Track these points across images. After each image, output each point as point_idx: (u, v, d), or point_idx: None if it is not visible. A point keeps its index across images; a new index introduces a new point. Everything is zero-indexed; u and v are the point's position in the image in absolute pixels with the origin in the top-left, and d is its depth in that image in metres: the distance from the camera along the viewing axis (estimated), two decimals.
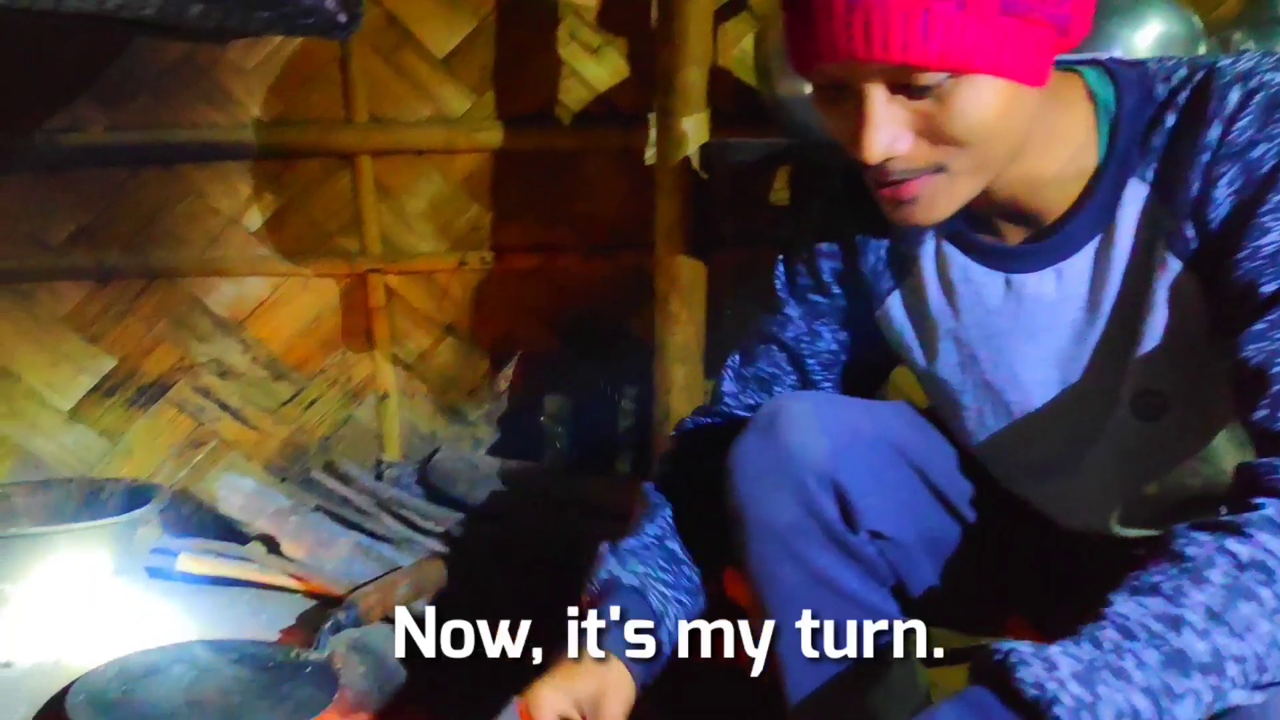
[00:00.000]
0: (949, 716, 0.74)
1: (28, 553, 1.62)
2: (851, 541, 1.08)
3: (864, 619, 1.10)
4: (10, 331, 2.06)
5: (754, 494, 1.08)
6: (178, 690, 1.46)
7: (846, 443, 1.06)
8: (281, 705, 1.44)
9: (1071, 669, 0.71)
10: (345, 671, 1.54)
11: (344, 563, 1.81)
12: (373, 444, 2.31)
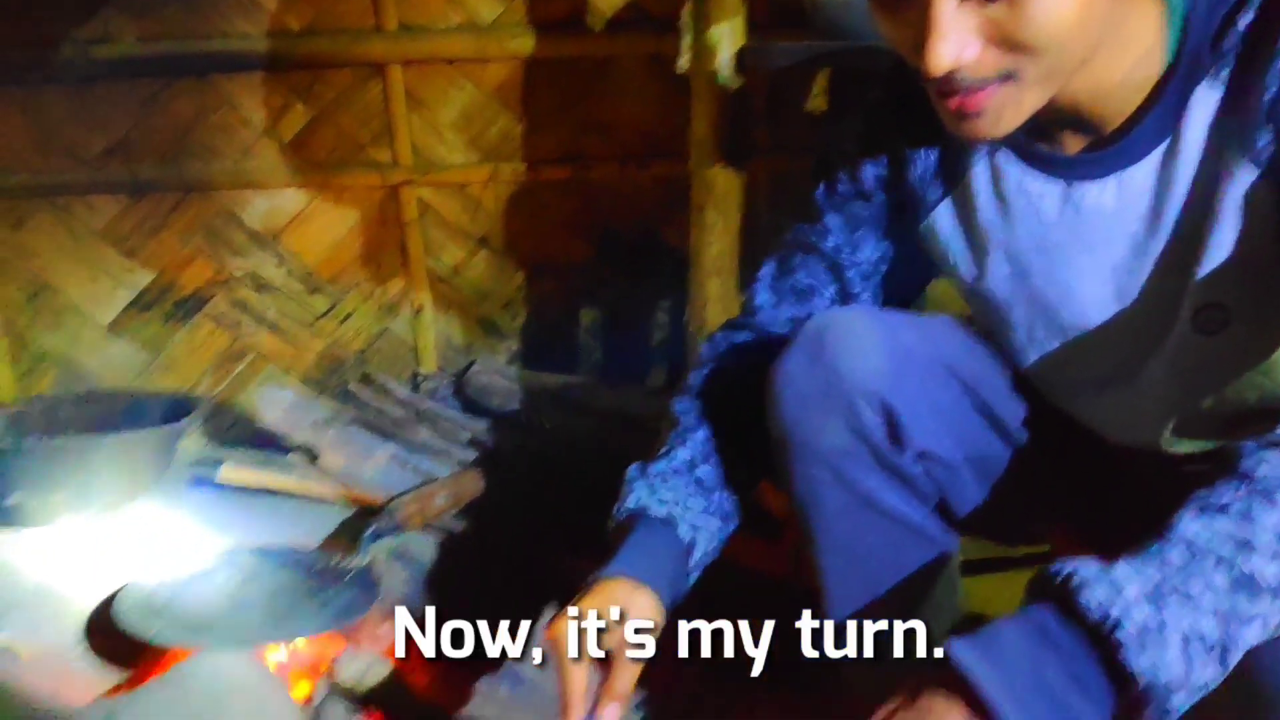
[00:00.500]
0: (1010, 637, 0.73)
1: (73, 463, 1.64)
2: (898, 463, 1.07)
3: (908, 539, 1.11)
4: (48, 246, 2.08)
5: (800, 417, 1.06)
6: (223, 595, 1.49)
7: (897, 362, 1.04)
8: (325, 609, 1.47)
9: (1137, 591, 0.70)
10: (386, 577, 1.57)
11: (382, 473, 1.83)
12: (408, 357, 2.32)
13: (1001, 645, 0.72)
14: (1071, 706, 0.70)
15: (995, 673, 0.70)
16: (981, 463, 1.13)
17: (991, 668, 0.71)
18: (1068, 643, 0.71)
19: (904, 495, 1.09)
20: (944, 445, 1.08)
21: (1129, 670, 0.69)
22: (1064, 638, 0.71)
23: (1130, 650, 0.68)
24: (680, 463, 1.15)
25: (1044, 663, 0.71)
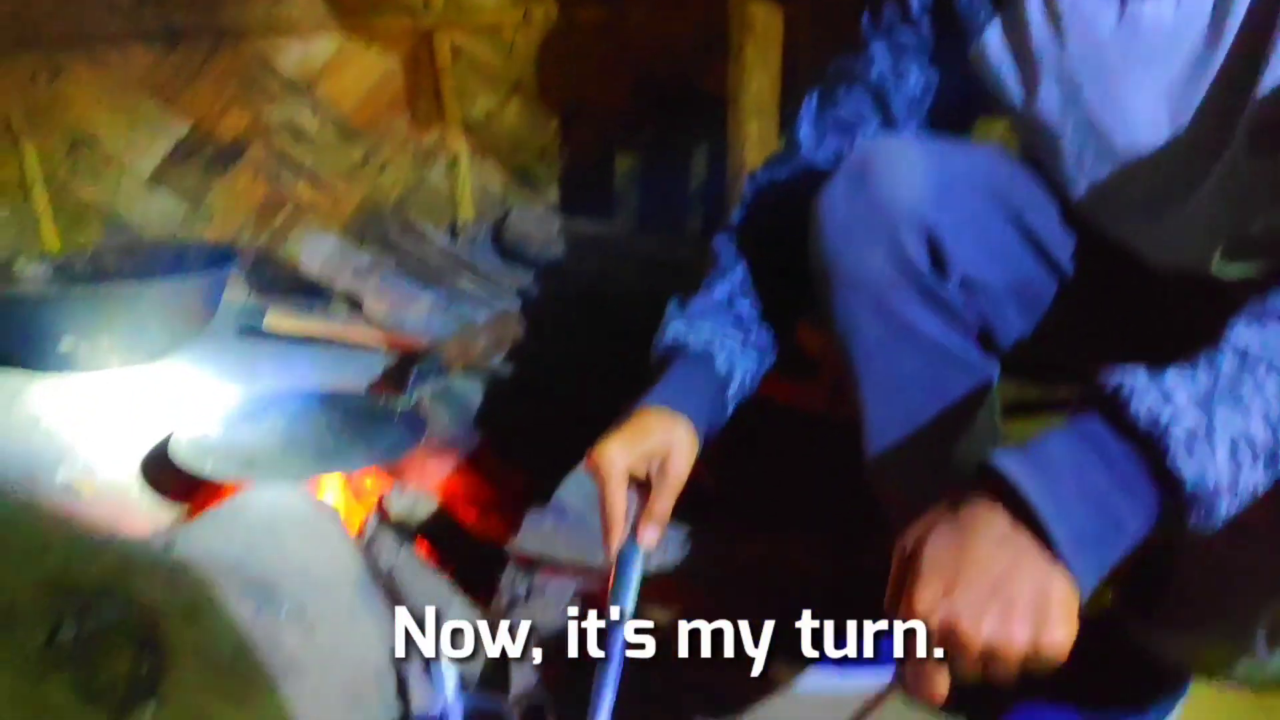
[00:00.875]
0: (1056, 445, 0.73)
1: (122, 310, 1.67)
2: (941, 291, 1.06)
3: (948, 368, 1.11)
4: (86, 97, 2.07)
5: (842, 246, 1.06)
6: (274, 434, 1.53)
7: (942, 186, 1.03)
8: (373, 448, 1.51)
9: (1188, 397, 0.70)
10: (431, 417, 1.60)
11: (424, 319, 1.86)
12: (446, 206, 2.32)
13: (1046, 453, 0.72)
14: (1117, 512, 0.70)
15: (1038, 478, 0.70)
16: (1025, 291, 1.12)
17: (1035, 474, 0.71)
18: (1115, 449, 0.71)
19: (945, 324, 1.09)
20: (988, 272, 1.07)
21: (1176, 475, 0.69)
22: (1111, 445, 0.71)
23: (1178, 454, 0.68)
24: (719, 297, 1.15)
25: (1089, 469, 0.70)
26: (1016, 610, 0.68)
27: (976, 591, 0.69)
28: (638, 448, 1.02)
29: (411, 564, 1.42)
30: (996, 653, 0.69)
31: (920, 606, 0.70)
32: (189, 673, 1.08)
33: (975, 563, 0.70)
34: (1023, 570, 0.69)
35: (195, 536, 1.24)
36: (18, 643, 1.04)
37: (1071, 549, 0.69)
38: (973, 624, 0.69)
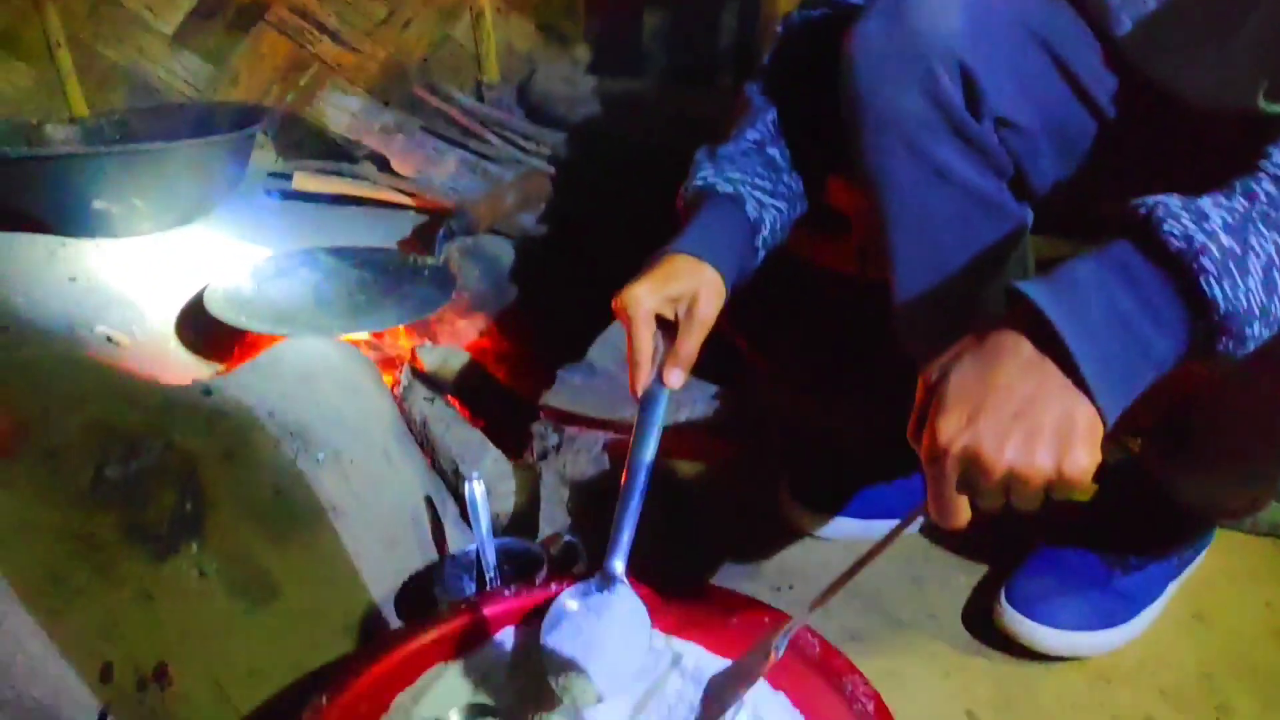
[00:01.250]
0: (1084, 271, 0.71)
1: (151, 171, 1.67)
2: (974, 131, 1.04)
3: (981, 211, 1.09)
4: None
5: (875, 83, 1.03)
6: (306, 289, 1.55)
7: (978, 23, 0.99)
8: (404, 303, 1.52)
9: (1222, 220, 0.68)
10: (461, 274, 1.61)
11: (452, 178, 1.85)
12: (471, 65, 2.27)
13: (1073, 278, 0.71)
14: (1144, 338, 0.69)
15: (1064, 303, 0.69)
16: (1062, 133, 1.09)
17: (1060, 299, 0.70)
18: (1146, 273, 0.69)
19: (978, 166, 1.07)
20: (1023, 112, 1.04)
21: (1208, 297, 0.67)
22: (1143, 269, 0.69)
23: (1211, 277, 0.67)
24: (749, 143, 1.13)
25: (1118, 294, 0.69)
26: (1040, 436, 0.68)
27: (1000, 418, 0.69)
28: (664, 290, 1.01)
29: (444, 416, 1.44)
30: (1019, 478, 0.69)
31: (943, 435, 0.70)
32: (229, 514, 1.11)
33: (999, 390, 0.69)
34: (1047, 396, 0.69)
35: (232, 386, 1.27)
36: (65, 482, 1.07)
37: (1096, 374, 0.68)
38: (995, 450, 0.68)
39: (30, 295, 1.52)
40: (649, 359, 1.02)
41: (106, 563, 1.02)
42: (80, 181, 1.64)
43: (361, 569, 1.17)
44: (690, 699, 0.92)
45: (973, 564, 1.32)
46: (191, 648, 1.03)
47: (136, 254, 1.69)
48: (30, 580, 0.99)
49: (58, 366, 1.30)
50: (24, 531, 1.02)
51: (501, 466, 1.40)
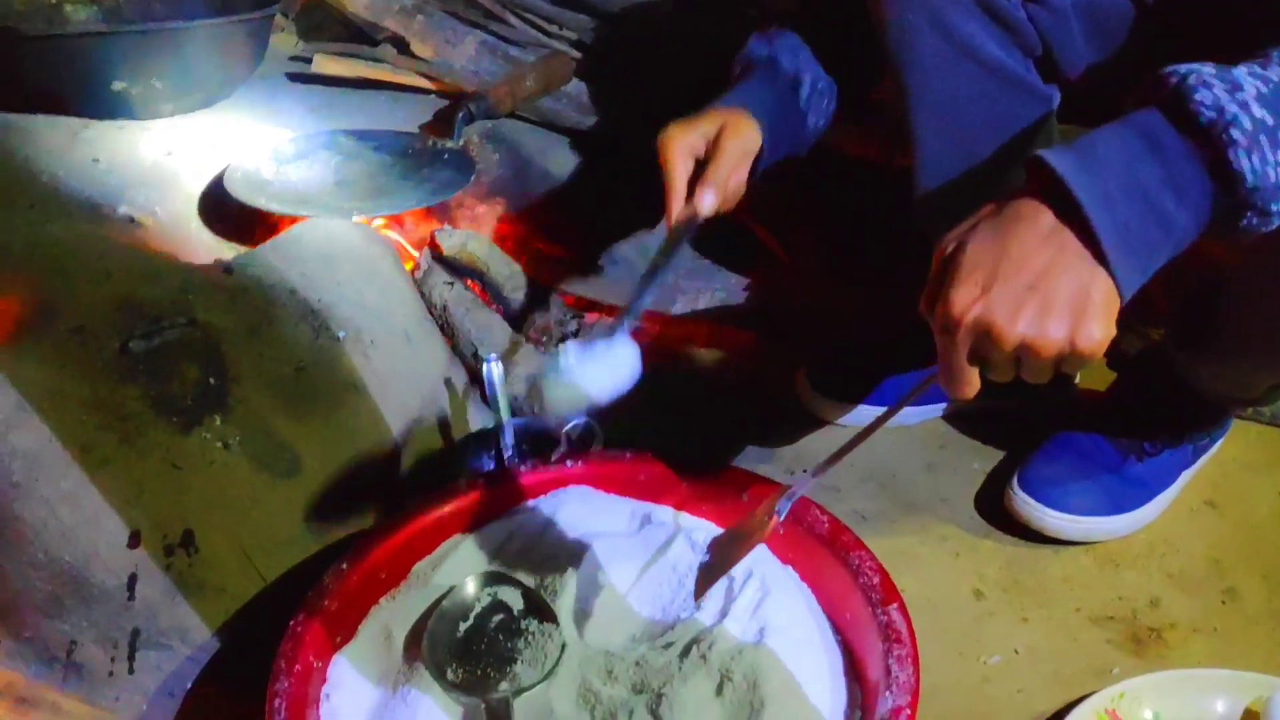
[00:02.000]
0: (1112, 141, 0.69)
1: (171, 50, 1.65)
2: (1001, 5, 1.01)
3: (1007, 91, 1.07)
4: None
5: None
6: (326, 171, 1.55)
7: None
8: (423, 186, 1.52)
9: (1256, 90, 0.66)
10: (480, 159, 1.60)
11: (472, 60, 1.82)
12: None
13: (1097, 147, 0.69)
14: (1166, 210, 0.68)
15: (1085, 172, 0.68)
16: (1092, 11, 1.06)
17: (1081, 167, 0.68)
18: (1172, 144, 0.67)
19: (1005, 43, 1.05)
20: None
21: (1235, 170, 0.66)
22: (1169, 139, 0.68)
23: (1239, 149, 0.65)
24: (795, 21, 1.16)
25: (1142, 165, 0.68)
26: (1054, 307, 0.67)
27: (1013, 288, 0.68)
28: (697, 127, 1.05)
29: (463, 299, 1.45)
30: (1031, 350, 0.68)
31: (957, 305, 0.69)
32: (252, 389, 1.13)
33: (1014, 260, 0.68)
34: (1063, 266, 0.68)
35: (253, 265, 1.28)
36: (92, 355, 1.09)
37: (1115, 245, 0.67)
38: (1008, 321, 0.68)
39: (54, 176, 1.53)
40: (682, 188, 1.05)
41: (133, 433, 1.05)
42: (100, 61, 1.63)
43: (382, 445, 1.19)
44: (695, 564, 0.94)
45: (988, 450, 1.33)
46: (217, 516, 1.06)
47: (158, 135, 1.69)
48: (60, 449, 1.02)
49: (83, 245, 1.31)
50: (53, 402, 1.04)
51: (521, 349, 1.41)
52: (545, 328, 1.48)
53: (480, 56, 1.81)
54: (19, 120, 1.71)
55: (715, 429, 1.38)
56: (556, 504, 1.03)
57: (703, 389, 1.48)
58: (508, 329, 1.44)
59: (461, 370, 1.40)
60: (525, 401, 1.34)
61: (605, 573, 0.94)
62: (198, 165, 1.61)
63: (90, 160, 1.59)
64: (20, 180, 1.50)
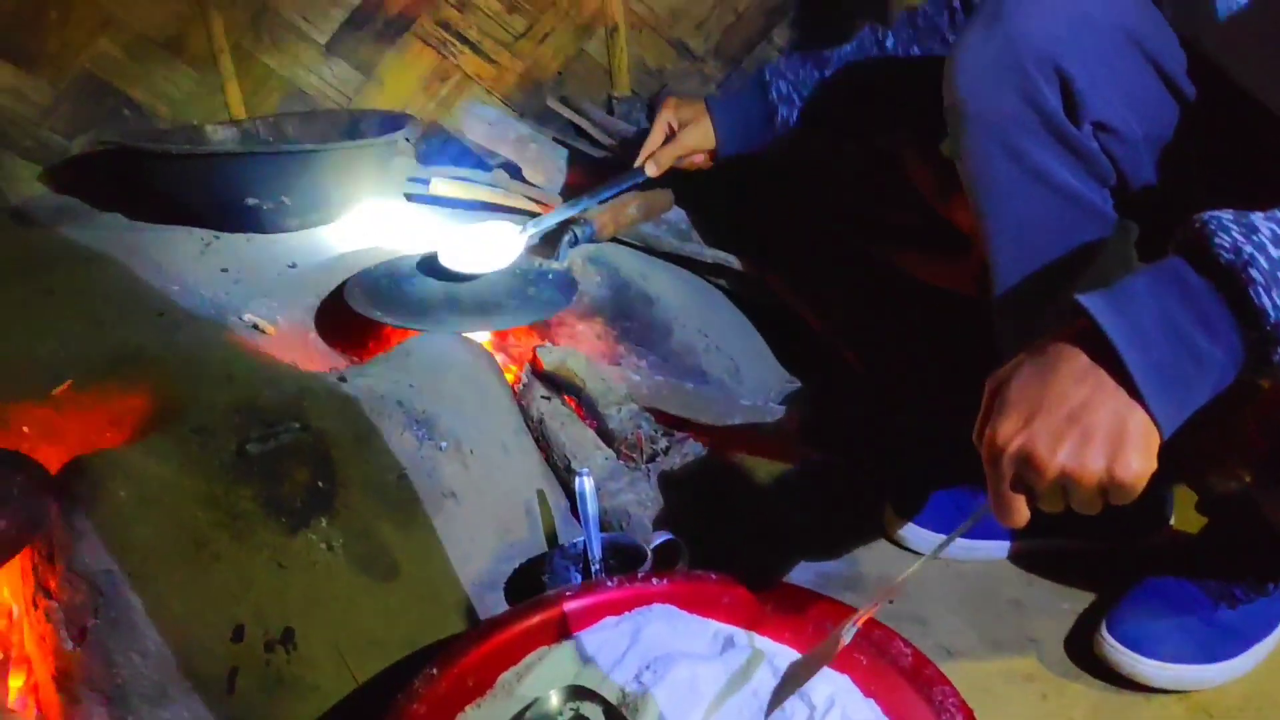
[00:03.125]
0: (1139, 284, 0.74)
1: (302, 170, 1.77)
2: (1073, 134, 1.05)
3: (1082, 217, 1.09)
4: None
5: (973, 85, 1.06)
6: (437, 287, 1.62)
7: (1075, 27, 1.02)
8: (528, 304, 1.59)
9: (1271, 233, 0.70)
10: (583, 280, 1.66)
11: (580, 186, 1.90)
12: (603, 79, 2.34)
13: (1128, 290, 0.73)
14: (1197, 348, 0.71)
15: (1117, 313, 0.72)
16: (1163, 141, 1.09)
17: (1114, 308, 0.72)
18: (1196, 284, 0.72)
19: (1078, 172, 1.07)
20: (1124, 118, 1.05)
21: (1257, 306, 0.69)
22: (1193, 279, 0.72)
23: (1258, 287, 0.69)
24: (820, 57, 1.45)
25: (1171, 305, 0.72)
26: (1092, 439, 0.71)
27: (1054, 420, 0.72)
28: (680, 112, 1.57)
29: (559, 414, 1.50)
30: (1072, 479, 0.72)
31: (1001, 435, 0.75)
32: (358, 494, 1.19)
33: (1055, 394, 0.73)
34: (1100, 401, 0.72)
35: (366, 374, 1.35)
36: (211, 455, 1.16)
37: (1148, 381, 0.71)
38: (1048, 451, 0.72)
39: (185, 283, 1.64)
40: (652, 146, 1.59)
41: (244, 531, 1.11)
42: (235, 179, 1.76)
43: (475, 553, 1.23)
44: None
45: (1077, 591, 1.31)
46: (317, 616, 1.10)
47: (283, 248, 1.80)
48: (175, 542, 1.08)
49: (208, 350, 1.40)
50: (173, 497, 1.11)
51: (612, 465, 1.45)
52: (636, 444, 1.52)
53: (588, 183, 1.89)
54: (155, 230, 1.84)
55: (799, 549, 1.39)
56: (641, 622, 1.05)
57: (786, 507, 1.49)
58: (600, 445, 1.48)
59: (554, 482, 1.44)
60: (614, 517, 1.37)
61: (687, 695, 0.95)
62: (318, 277, 1.71)
63: (219, 270, 1.71)
64: (154, 287, 1.62)
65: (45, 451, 1.26)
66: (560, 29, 2.30)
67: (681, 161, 1.59)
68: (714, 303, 1.80)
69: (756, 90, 1.51)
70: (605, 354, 1.67)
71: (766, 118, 1.51)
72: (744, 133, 1.54)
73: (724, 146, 1.55)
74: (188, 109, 2.21)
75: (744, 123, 1.53)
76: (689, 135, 1.55)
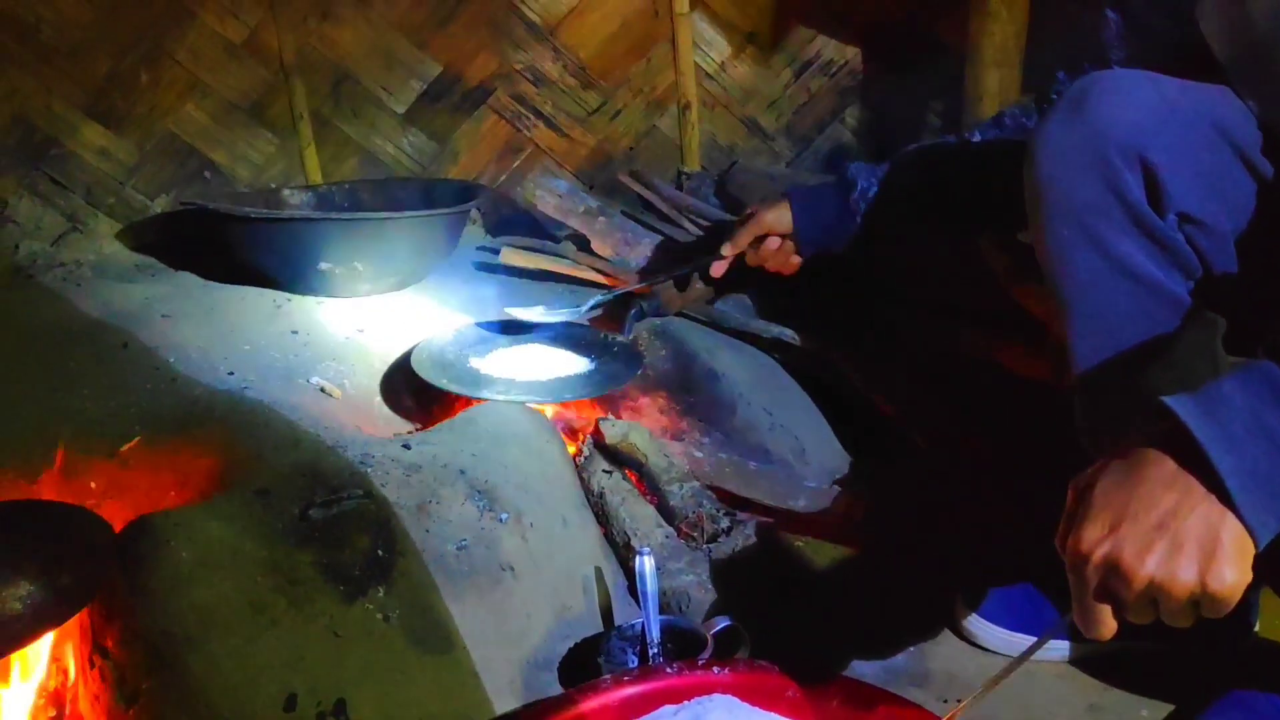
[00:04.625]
0: (1231, 388, 0.71)
1: (376, 237, 1.80)
2: (1157, 225, 1.02)
3: (1166, 310, 1.06)
4: (350, 37, 2.22)
5: (1055, 173, 1.04)
6: (504, 357, 1.63)
7: (1160, 117, 1.00)
8: (593, 376, 1.58)
9: None
10: (648, 353, 1.66)
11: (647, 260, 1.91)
12: (673, 154, 2.36)
13: (1218, 394, 0.71)
14: None
15: (1207, 417, 0.69)
16: (1251, 235, 1.05)
17: (1204, 413, 0.70)
18: None
19: (1163, 263, 1.04)
20: (1209, 210, 1.02)
21: None
22: None
23: None
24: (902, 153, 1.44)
25: (1263, 410, 0.69)
26: (1183, 548, 0.68)
27: (1141, 527, 0.69)
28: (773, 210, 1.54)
29: (620, 489, 1.48)
30: (1162, 590, 0.69)
31: (1085, 542, 0.71)
32: (416, 564, 1.17)
33: (1142, 501, 0.70)
34: (1190, 508, 0.69)
35: (429, 442, 1.34)
36: (274, 518, 1.16)
37: (1241, 489, 0.68)
38: (1136, 560, 0.69)
39: (255, 344, 1.66)
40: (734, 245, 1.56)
41: (302, 598, 1.10)
42: (310, 244, 1.79)
43: (531, 630, 1.21)
44: None
45: (1157, 701, 1.25)
46: (369, 687, 1.08)
47: (352, 313, 1.82)
48: (234, 607, 1.08)
49: (275, 412, 1.41)
50: (234, 560, 1.10)
51: (672, 544, 1.42)
52: (697, 523, 1.49)
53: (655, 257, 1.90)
54: (228, 291, 1.88)
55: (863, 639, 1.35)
56: (701, 712, 1.01)
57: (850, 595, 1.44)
58: (661, 522, 1.46)
59: (612, 559, 1.42)
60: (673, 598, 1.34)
61: None
62: (386, 343, 1.72)
63: (289, 332, 1.73)
64: (224, 346, 1.64)
65: (111, 507, 1.27)
66: (633, 105, 2.33)
67: (761, 251, 1.57)
68: (778, 380, 1.78)
69: (839, 184, 1.50)
70: (668, 429, 1.65)
71: (846, 209, 1.49)
72: (823, 222, 1.52)
73: (802, 233, 1.53)
74: (266, 172, 2.26)
75: (823, 212, 1.51)
76: (767, 214, 1.53)
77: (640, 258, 1.92)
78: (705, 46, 2.28)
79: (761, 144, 2.35)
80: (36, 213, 2.15)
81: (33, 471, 1.34)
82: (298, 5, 2.18)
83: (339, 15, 2.20)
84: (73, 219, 2.18)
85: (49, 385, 1.49)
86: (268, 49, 2.19)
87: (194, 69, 2.17)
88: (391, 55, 2.24)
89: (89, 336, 1.65)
